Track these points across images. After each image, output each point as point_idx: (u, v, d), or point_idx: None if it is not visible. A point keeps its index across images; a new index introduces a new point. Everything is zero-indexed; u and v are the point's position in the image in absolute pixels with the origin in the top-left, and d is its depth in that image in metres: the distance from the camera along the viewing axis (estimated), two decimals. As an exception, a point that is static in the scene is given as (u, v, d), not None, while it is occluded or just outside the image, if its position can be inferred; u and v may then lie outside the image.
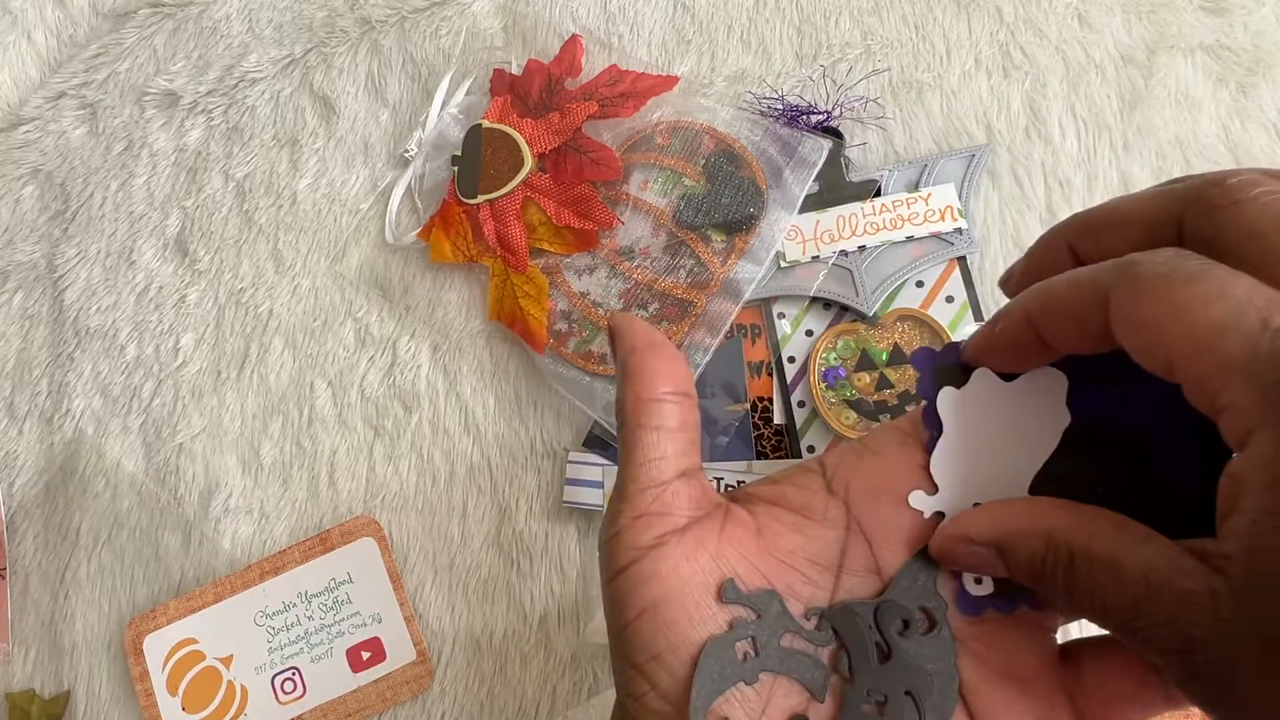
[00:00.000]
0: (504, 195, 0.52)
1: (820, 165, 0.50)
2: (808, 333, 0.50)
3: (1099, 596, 0.20)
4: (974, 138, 0.52)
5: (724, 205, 0.50)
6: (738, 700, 0.25)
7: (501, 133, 0.53)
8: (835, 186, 0.51)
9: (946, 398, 0.26)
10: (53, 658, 0.50)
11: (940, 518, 0.26)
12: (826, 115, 0.52)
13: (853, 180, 0.51)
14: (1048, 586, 0.22)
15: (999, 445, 0.26)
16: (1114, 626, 0.20)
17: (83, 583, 0.51)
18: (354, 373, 0.53)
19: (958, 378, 0.26)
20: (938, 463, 0.26)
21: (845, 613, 0.26)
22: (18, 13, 0.62)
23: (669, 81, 0.53)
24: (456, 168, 0.54)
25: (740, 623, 0.26)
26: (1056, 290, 0.22)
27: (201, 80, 0.59)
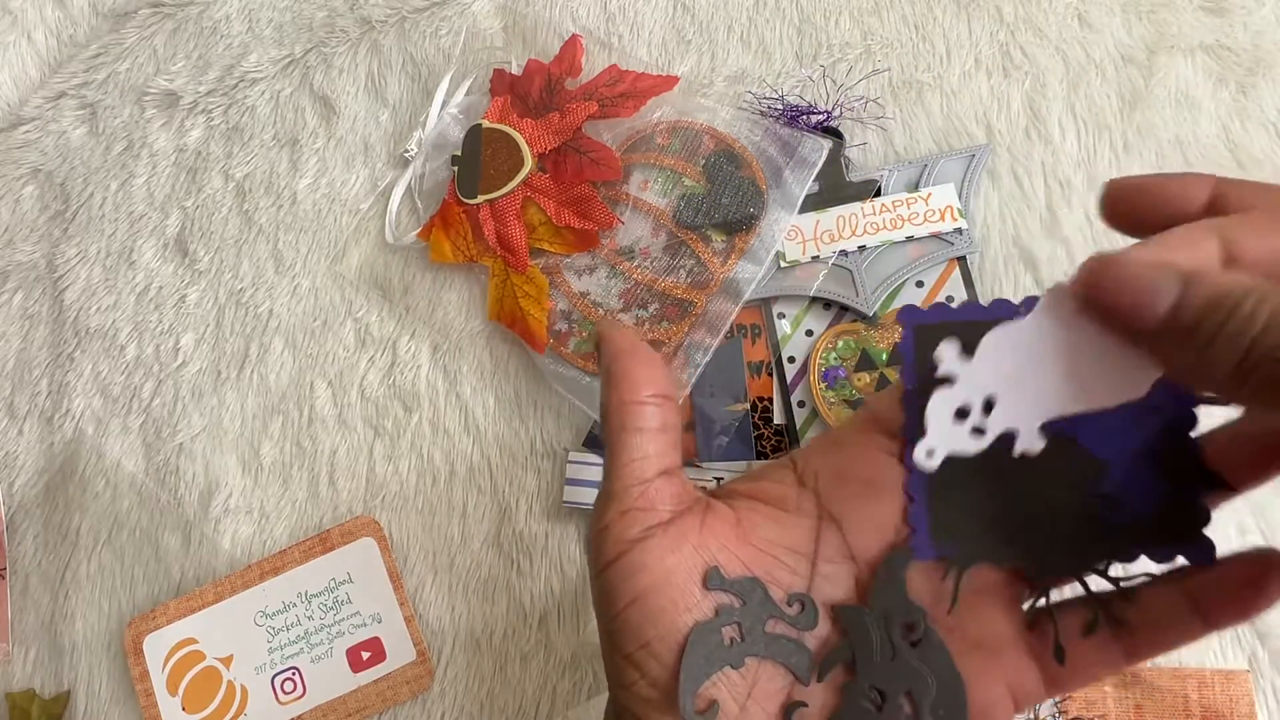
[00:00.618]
0: (504, 195, 0.52)
1: (820, 165, 0.50)
2: (808, 333, 0.50)
3: None
4: (974, 138, 0.52)
5: (724, 205, 0.50)
6: (724, 684, 0.26)
7: (501, 133, 0.53)
8: (835, 186, 0.51)
9: (948, 348, 0.26)
10: (53, 658, 0.50)
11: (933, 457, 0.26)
12: (826, 115, 0.52)
13: (853, 180, 0.51)
14: (1223, 331, 0.20)
15: (1008, 384, 0.26)
16: None
17: (83, 583, 0.51)
18: (354, 373, 0.53)
19: (938, 338, 0.27)
20: (933, 410, 0.26)
21: (854, 611, 0.27)
22: (18, 13, 0.62)
23: (669, 81, 0.53)
24: (456, 168, 0.54)
25: (725, 609, 0.26)
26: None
27: (201, 80, 0.59)
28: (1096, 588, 0.26)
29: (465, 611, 0.49)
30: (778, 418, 0.49)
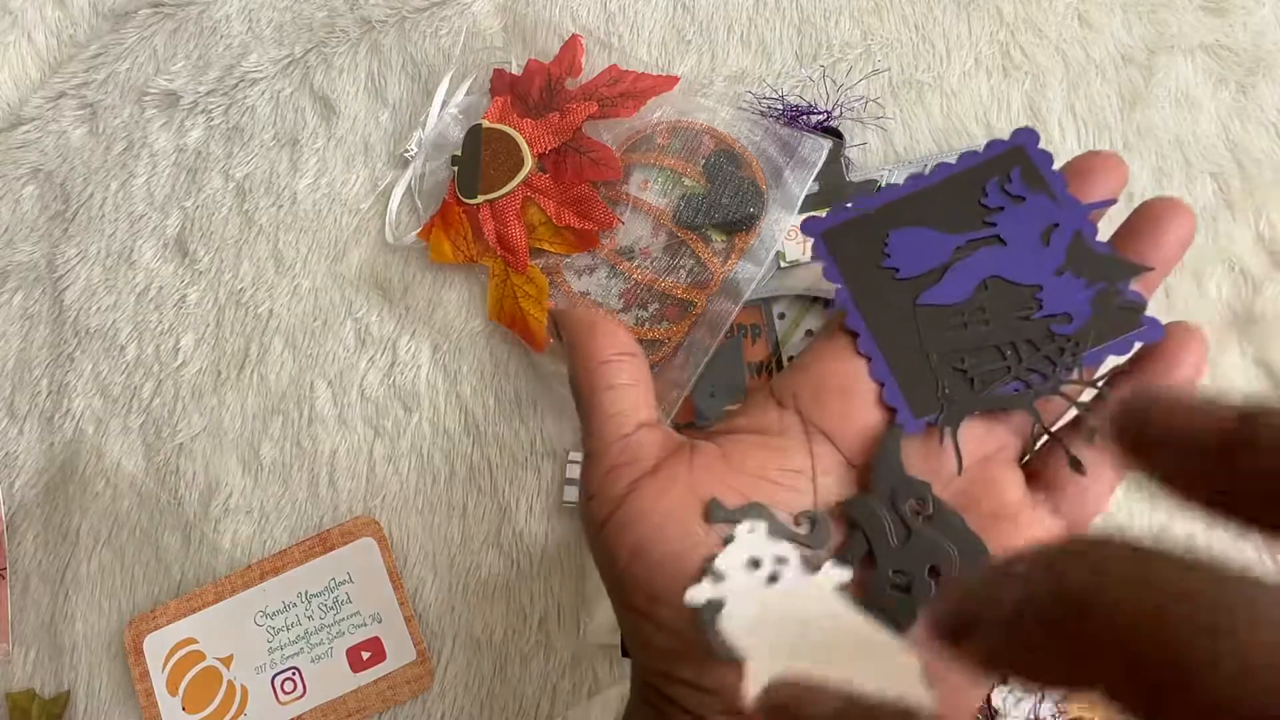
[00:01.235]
0: (504, 195, 0.52)
1: (820, 165, 0.50)
2: (808, 333, 0.50)
3: None
4: (974, 138, 0.52)
5: (724, 205, 0.50)
6: None
7: (501, 133, 0.53)
8: (835, 186, 0.51)
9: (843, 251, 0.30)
10: (53, 658, 0.50)
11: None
12: (826, 115, 0.52)
13: (853, 180, 0.51)
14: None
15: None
16: None
17: (83, 583, 0.51)
18: (354, 373, 0.53)
19: (846, 236, 0.30)
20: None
21: (860, 501, 0.27)
22: (18, 13, 0.62)
23: (669, 81, 0.53)
24: (456, 168, 0.54)
25: (730, 539, 0.26)
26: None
27: (201, 80, 0.59)
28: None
29: (465, 611, 0.49)
30: (778, 418, 0.49)
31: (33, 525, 0.52)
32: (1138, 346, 0.27)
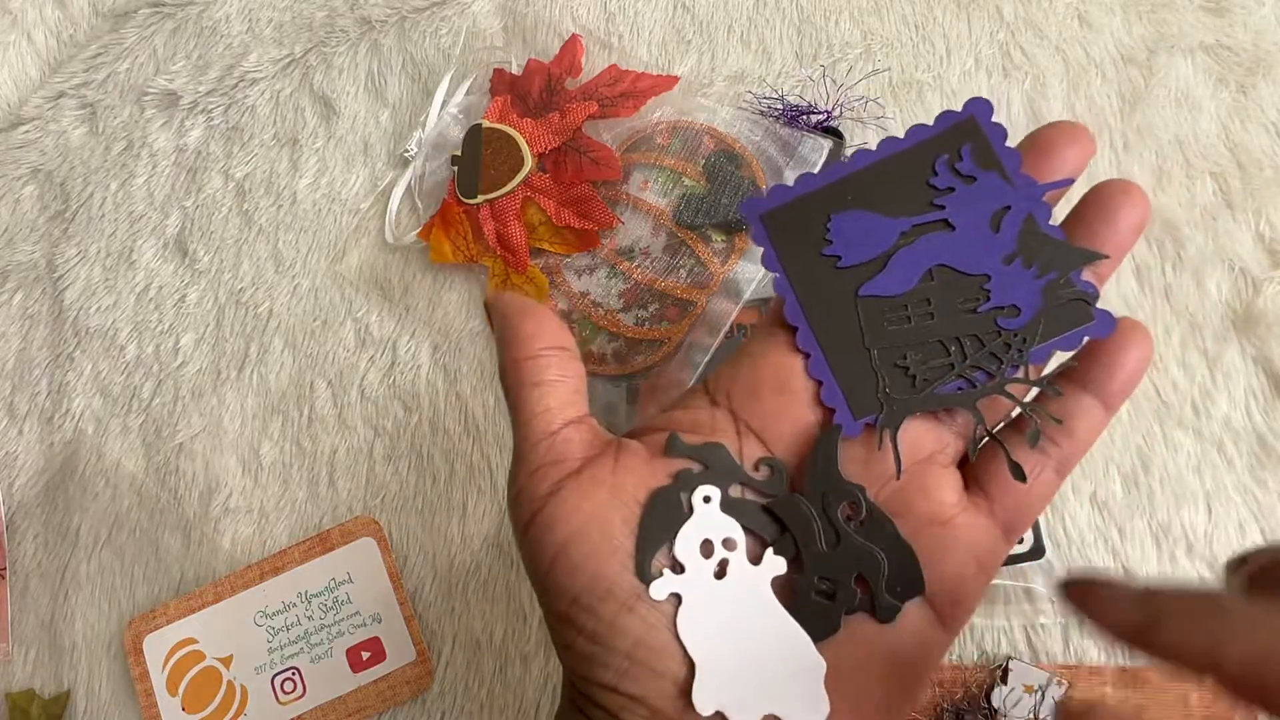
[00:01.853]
0: (504, 195, 0.52)
1: (820, 165, 0.50)
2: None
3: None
4: (974, 138, 0.52)
5: (724, 205, 0.50)
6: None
7: (501, 133, 0.53)
8: (835, 186, 0.51)
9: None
10: (53, 658, 0.50)
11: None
12: (826, 115, 0.52)
13: (853, 180, 0.51)
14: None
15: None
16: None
17: (83, 583, 0.51)
18: (354, 373, 0.53)
19: (787, 219, 0.28)
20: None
21: (789, 502, 0.26)
22: (18, 13, 0.62)
23: (669, 81, 0.53)
24: (456, 168, 0.54)
25: (686, 474, 0.26)
26: None
27: (201, 80, 0.59)
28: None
29: (465, 611, 0.48)
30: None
31: (33, 525, 0.52)
32: (1086, 340, 0.26)
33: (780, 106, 0.52)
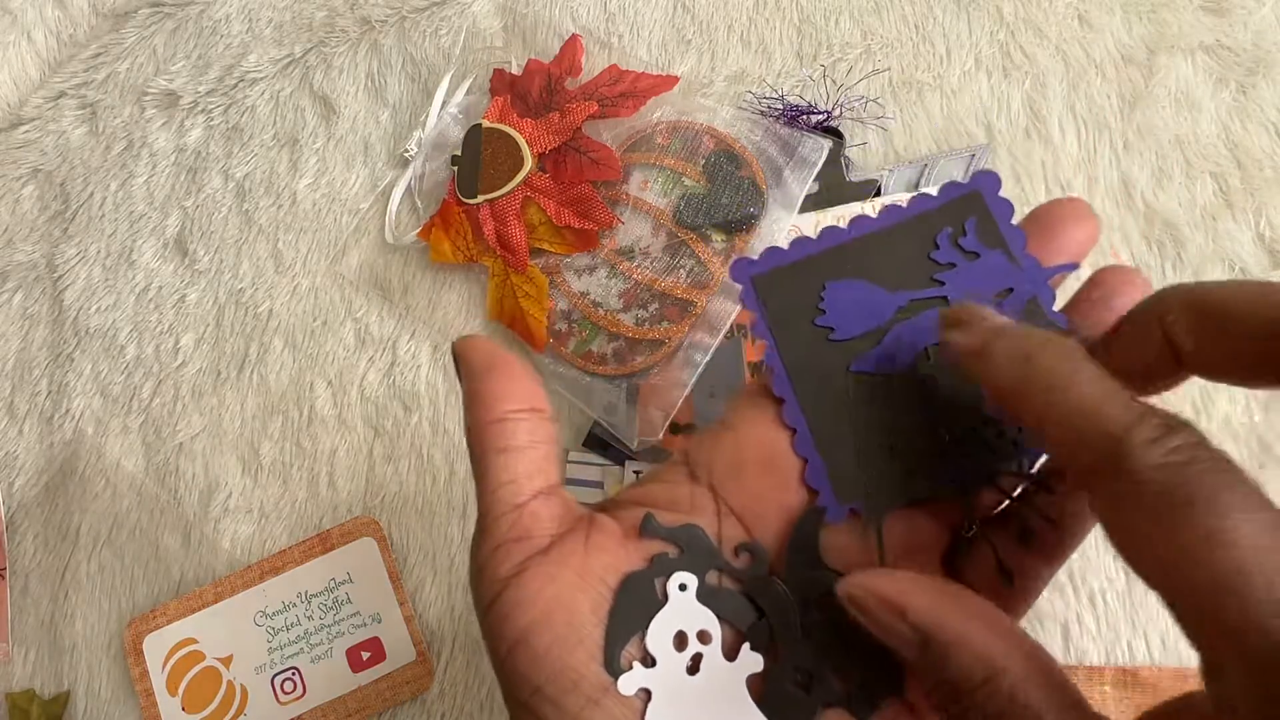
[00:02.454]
0: (504, 195, 0.52)
1: (820, 165, 0.50)
2: (808, 333, 0.49)
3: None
4: (974, 138, 0.52)
5: (724, 205, 0.50)
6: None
7: (501, 133, 0.53)
8: (835, 186, 0.51)
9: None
10: (53, 658, 0.50)
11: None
12: (826, 115, 0.52)
13: (853, 180, 0.51)
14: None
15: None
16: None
17: (83, 583, 0.51)
18: (354, 373, 0.53)
19: (778, 283, 0.27)
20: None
21: (767, 585, 0.24)
22: (18, 13, 0.62)
23: (669, 81, 0.53)
24: (456, 168, 0.54)
25: (661, 558, 0.24)
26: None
27: (201, 80, 0.59)
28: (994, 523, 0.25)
29: (465, 611, 0.48)
30: (778, 418, 0.49)
31: (33, 525, 0.52)
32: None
33: (780, 106, 0.52)
